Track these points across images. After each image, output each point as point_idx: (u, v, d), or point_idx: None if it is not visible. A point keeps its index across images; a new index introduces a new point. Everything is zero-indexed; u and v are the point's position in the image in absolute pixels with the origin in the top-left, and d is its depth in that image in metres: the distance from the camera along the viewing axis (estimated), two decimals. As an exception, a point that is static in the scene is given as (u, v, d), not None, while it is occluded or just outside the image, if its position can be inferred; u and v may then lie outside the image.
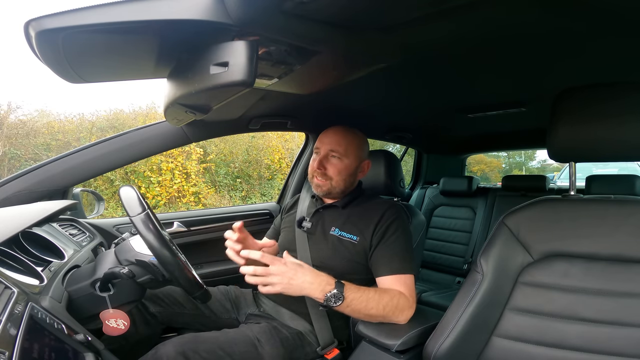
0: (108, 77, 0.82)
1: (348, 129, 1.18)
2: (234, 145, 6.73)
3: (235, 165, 6.64)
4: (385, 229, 1.07)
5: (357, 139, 1.18)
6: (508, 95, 1.39)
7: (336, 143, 1.14)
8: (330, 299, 0.89)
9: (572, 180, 0.91)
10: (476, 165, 11.63)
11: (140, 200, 0.82)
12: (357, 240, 1.09)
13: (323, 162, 1.15)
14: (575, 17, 0.71)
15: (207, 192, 6.12)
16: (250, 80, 0.61)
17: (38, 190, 1.11)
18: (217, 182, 6.36)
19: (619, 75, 1.08)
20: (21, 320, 0.52)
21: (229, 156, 6.64)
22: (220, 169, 6.48)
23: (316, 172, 1.15)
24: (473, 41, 0.83)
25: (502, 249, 0.87)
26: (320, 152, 1.17)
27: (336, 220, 1.16)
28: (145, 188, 5.57)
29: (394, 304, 0.95)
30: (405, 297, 0.98)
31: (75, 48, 0.62)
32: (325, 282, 0.90)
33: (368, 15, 0.67)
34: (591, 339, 0.78)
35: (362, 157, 1.19)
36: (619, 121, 0.78)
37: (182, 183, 5.82)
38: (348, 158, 1.15)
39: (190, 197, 5.87)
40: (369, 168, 1.25)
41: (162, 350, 0.88)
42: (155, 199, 5.64)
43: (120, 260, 0.86)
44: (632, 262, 0.77)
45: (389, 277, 1.02)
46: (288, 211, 1.34)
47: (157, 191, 5.63)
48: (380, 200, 1.20)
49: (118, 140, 1.23)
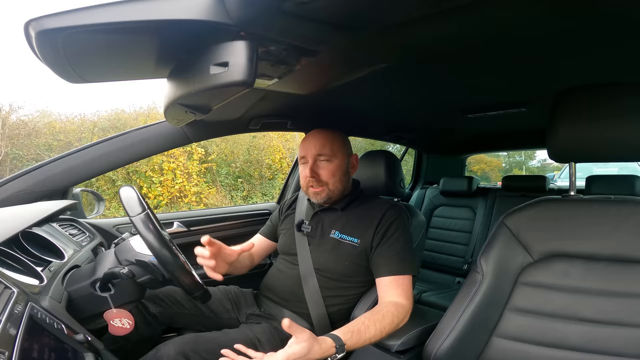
0: (108, 77, 0.82)
1: (326, 130, 1.17)
2: (235, 145, 6.74)
3: (236, 165, 6.66)
4: (386, 229, 1.07)
5: (339, 136, 1.18)
6: (508, 95, 1.39)
7: (321, 146, 1.13)
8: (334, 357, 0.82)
9: (572, 180, 0.91)
10: (476, 164, 11.64)
11: (140, 200, 0.82)
12: (357, 242, 1.09)
13: (314, 168, 1.13)
14: (576, 18, 0.71)
15: (209, 192, 6.13)
16: (251, 81, 0.61)
17: (38, 190, 1.11)
18: (219, 182, 6.36)
19: (619, 76, 1.08)
20: (21, 320, 0.52)
21: (230, 156, 6.64)
22: (222, 168, 6.50)
23: (310, 180, 1.13)
24: (473, 41, 0.83)
25: (502, 249, 0.87)
26: (307, 160, 1.15)
27: (336, 222, 1.16)
28: (147, 188, 5.58)
29: (396, 322, 0.94)
30: (402, 306, 0.97)
31: (75, 48, 0.62)
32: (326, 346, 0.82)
33: (368, 15, 0.67)
34: (591, 339, 0.78)
35: (349, 153, 1.19)
36: (618, 121, 0.78)
37: (184, 183, 5.83)
38: (337, 158, 1.14)
39: (192, 197, 5.87)
40: (358, 161, 1.25)
41: (162, 350, 0.88)
42: (157, 199, 5.65)
43: (120, 260, 0.86)
44: (632, 263, 0.77)
45: (388, 278, 1.02)
46: (286, 210, 1.34)
47: (158, 191, 5.64)
48: (381, 201, 1.20)
49: (118, 141, 1.23)
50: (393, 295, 1.00)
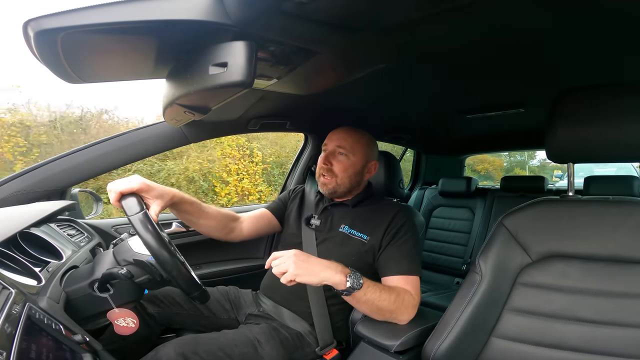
0: (107, 78, 0.82)
1: (357, 129, 1.19)
2: (282, 148, 7.03)
3: (287, 166, 6.86)
4: (397, 230, 1.08)
5: (365, 138, 1.19)
6: (507, 96, 1.39)
7: (343, 139, 1.16)
8: (353, 281, 0.88)
9: (571, 181, 0.91)
10: (480, 164, 11.69)
11: (138, 200, 0.82)
12: (367, 239, 1.10)
13: (329, 157, 1.16)
14: (575, 18, 0.71)
15: (267, 190, 6.41)
16: (250, 81, 0.61)
17: (36, 191, 1.11)
18: (272, 182, 6.67)
19: (617, 77, 1.09)
20: (19, 321, 0.52)
21: (280, 157, 6.92)
22: (274, 169, 6.80)
23: (322, 168, 1.16)
24: (471, 42, 0.83)
25: (500, 249, 0.87)
26: (327, 149, 1.18)
27: (346, 217, 1.17)
28: (220, 187, 5.79)
29: (401, 299, 0.96)
30: (411, 295, 0.99)
31: (73, 48, 0.61)
32: (340, 266, 0.90)
33: (367, 16, 0.68)
34: (590, 339, 0.78)
35: (369, 157, 1.19)
36: (617, 122, 0.78)
37: (249, 183, 6.09)
38: (355, 156, 1.15)
39: (257, 195, 6.15)
40: (376, 170, 1.24)
41: (162, 351, 0.88)
42: (227, 197, 5.86)
43: (119, 261, 0.86)
44: (631, 263, 0.77)
45: (396, 277, 1.02)
46: (293, 199, 1.33)
47: (227, 190, 5.87)
48: (391, 202, 1.21)
49: (116, 141, 1.23)
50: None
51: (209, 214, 1.12)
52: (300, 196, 1.33)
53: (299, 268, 0.84)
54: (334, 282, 0.87)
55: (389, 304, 0.94)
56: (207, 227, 1.14)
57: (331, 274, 0.87)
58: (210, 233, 1.17)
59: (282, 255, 0.87)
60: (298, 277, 0.84)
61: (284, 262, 0.85)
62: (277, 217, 1.32)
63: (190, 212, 1.07)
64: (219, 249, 1.60)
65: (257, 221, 1.28)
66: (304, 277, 0.84)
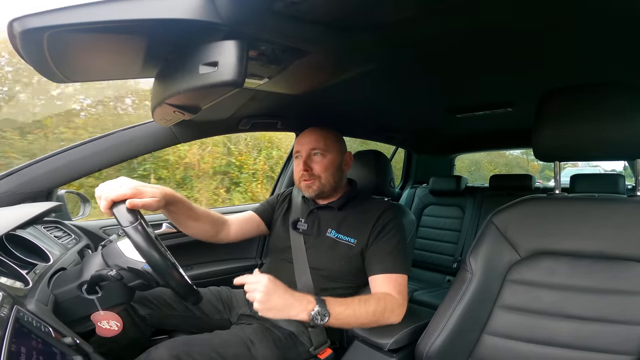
0: (94, 77, 0.81)
1: (321, 128, 1.19)
2: None
3: None
4: (381, 228, 1.08)
5: (333, 134, 1.19)
6: (495, 96, 1.41)
7: (315, 141, 1.15)
8: (316, 317, 0.87)
9: (557, 179, 0.93)
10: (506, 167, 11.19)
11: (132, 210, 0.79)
12: (354, 242, 1.09)
13: (307, 162, 1.15)
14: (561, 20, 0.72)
15: None
16: (240, 80, 0.60)
17: (21, 192, 1.08)
18: None
19: (602, 77, 1.11)
20: (7, 324, 0.51)
21: None
22: None
23: (302, 174, 1.15)
24: (461, 42, 0.84)
25: (490, 247, 0.89)
26: (302, 154, 1.16)
27: (332, 221, 1.16)
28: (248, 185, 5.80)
29: (382, 306, 0.95)
30: (392, 297, 0.98)
31: (60, 47, 0.60)
32: (305, 301, 0.89)
33: (358, 15, 0.68)
34: (579, 336, 0.79)
35: (342, 150, 1.20)
36: (601, 121, 0.80)
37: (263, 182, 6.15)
38: (330, 153, 1.16)
39: None
40: (352, 159, 1.25)
41: (154, 353, 0.86)
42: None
43: (109, 265, 0.85)
44: (616, 260, 0.79)
45: (381, 276, 1.02)
46: (281, 203, 1.33)
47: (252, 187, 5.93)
48: (377, 201, 1.21)
49: (104, 141, 1.21)
50: (386, 290, 1.00)
51: (198, 216, 1.10)
52: (288, 199, 1.32)
53: (263, 302, 0.84)
54: (298, 319, 0.87)
55: (368, 318, 0.93)
56: (195, 229, 1.12)
57: (294, 312, 0.87)
58: (198, 235, 1.15)
59: (255, 281, 0.87)
60: (261, 312, 0.85)
61: (255, 288, 0.86)
62: (265, 221, 1.30)
63: (179, 213, 1.05)
64: (211, 249, 1.59)
65: (244, 224, 1.27)
66: (267, 312, 0.85)
